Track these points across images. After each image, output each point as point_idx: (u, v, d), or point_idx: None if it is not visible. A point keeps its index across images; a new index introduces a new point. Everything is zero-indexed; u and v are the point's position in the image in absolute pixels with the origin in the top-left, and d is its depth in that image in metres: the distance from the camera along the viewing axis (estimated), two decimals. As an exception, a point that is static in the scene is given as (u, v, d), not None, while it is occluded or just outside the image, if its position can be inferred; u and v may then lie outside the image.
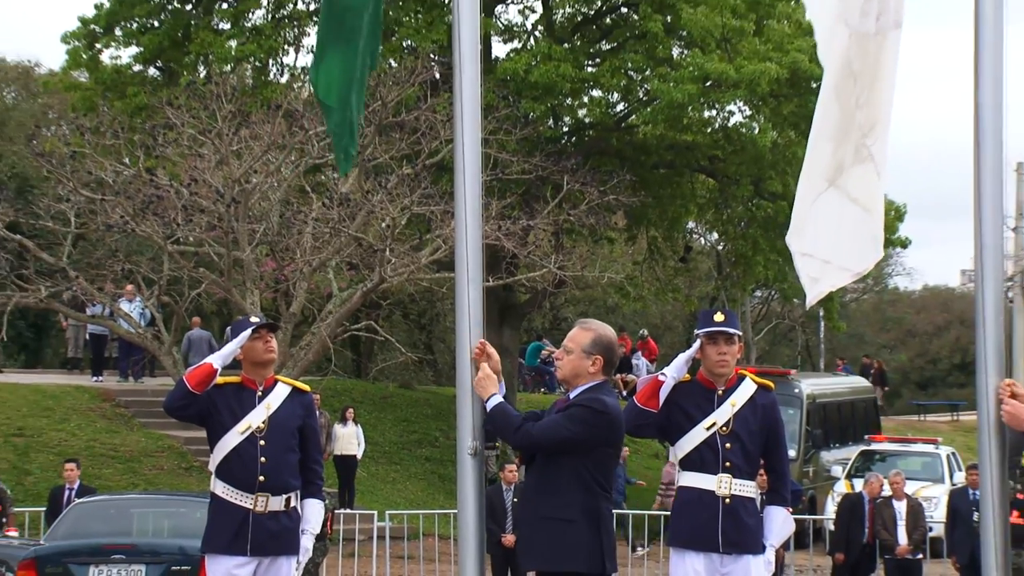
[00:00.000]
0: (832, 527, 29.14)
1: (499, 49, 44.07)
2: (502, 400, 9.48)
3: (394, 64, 38.73)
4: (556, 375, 9.99)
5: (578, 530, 9.64)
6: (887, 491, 28.80)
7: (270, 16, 44.94)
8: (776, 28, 42.33)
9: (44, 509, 27.97)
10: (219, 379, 11.31)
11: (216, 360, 11.27)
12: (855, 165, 9.61)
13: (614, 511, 10.80)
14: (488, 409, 9.40)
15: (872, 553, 27.65)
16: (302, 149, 34.71)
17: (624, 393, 37.02)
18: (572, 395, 9.81)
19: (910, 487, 29.55)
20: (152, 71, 44.54)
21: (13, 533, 25.76)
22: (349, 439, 35.28)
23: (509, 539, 23.22)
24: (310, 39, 45.46)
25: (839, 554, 27.95)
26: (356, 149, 9.85)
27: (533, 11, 45.90)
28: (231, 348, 11.32)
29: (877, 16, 9.49)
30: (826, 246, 9.68)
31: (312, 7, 45.64)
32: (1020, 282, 49.68)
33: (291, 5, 45.36)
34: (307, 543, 11.57)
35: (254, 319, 11.79)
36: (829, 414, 43.49)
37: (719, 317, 10.65)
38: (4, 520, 25.99)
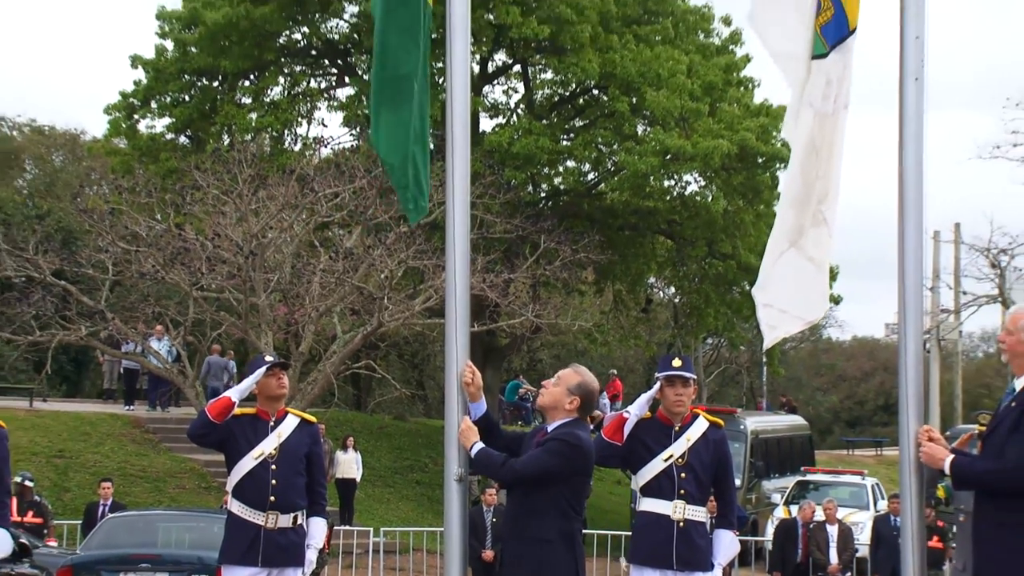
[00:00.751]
0: (771, 548, 29.12)
1: (486, 124, 44.17)
2: (483, 447, 9.46)
3: (394, 135, 38.80)
4: (537, 402, 10.03)
5: (555, 549, 9.64)
6: (820, 516, 28.84)
7: (286, 93, 45.02)
8: (727, 110, 42.46)
9: (80, 522, 27.86)
10: (236, 410, 11.34)
11: (234, 394, 11.30)
12: (813, 227, 9.70)
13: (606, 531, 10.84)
14: (473, 455, 9.40)
15: (806, 571, 27.64)
16: (312, 209, 34.78)
17: (592, 427, 36.99)
18: (550, 428, 9.81)
19: (839, 513, 29.57)
20: (182, 139, 44.56)
21: (53, 543, 25.70)
22: (349, 464, 35.22)
23: (488, 554, 23.28)
24: (320, 112, 45.77)
25: (776, 572, 27.96)
26: (425, 201, 9.77)
27: (516, 91, 46.28)
28: (248, 383, 11.33)
29: (835, 98, 9.59)
30: (783, 298, 9.78)
31: (322, 85, 45.82)
32: (935, 335, 49.83)
33: (304, 83, 45.55)
34: (312, 556, 11.58)
35: (268, 358, 11.79)
36: (770, 448, 43.42)
37: (677, 363, 10.70)
38: (45, 531, 25.94)
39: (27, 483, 26.38)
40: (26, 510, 25.26)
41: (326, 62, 46.00)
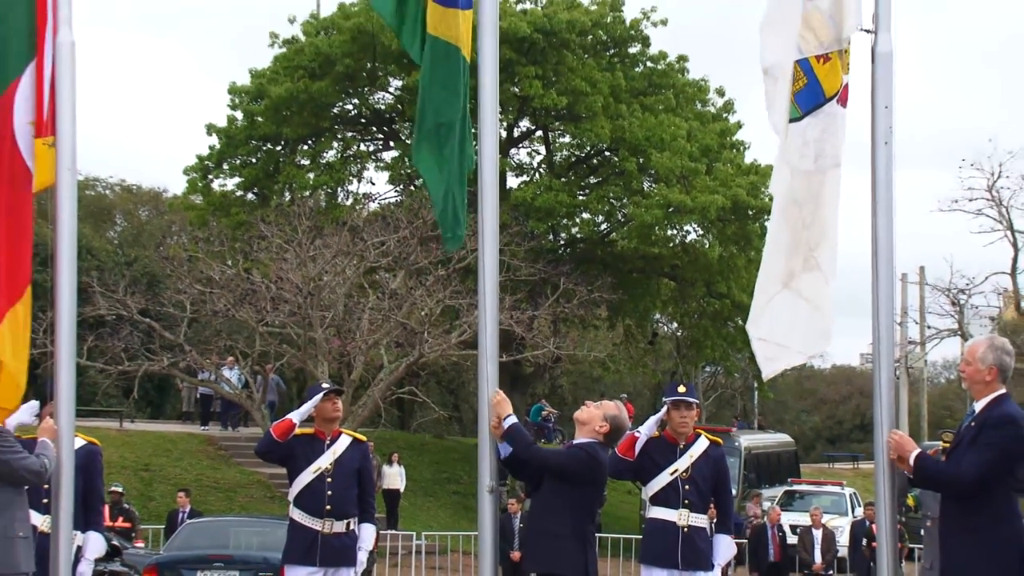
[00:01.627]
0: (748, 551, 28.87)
1: (512, 181, 44.22)
2: (517, 421, 9.52)
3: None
4: (575, 414, 10.03)
5: (568, 544, 9.67)
6: (807, 521, 28.69)
7: (339, 155, 45.13)
8: (722, 169, 42.55)
9: (163, 527, 27.89)
10: (297, 431, 11.33)
11: (296, 417, 11.29)
12: (805, 272, 9.63)
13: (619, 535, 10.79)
14: (506, 426, 9.40)
15: (780, 569, 27.47)
16: (362, 255, 34.80)
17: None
18: (576, 441, 9.92)
19: (822, 519, 29.43)
20: (250, 196, 44.61)
21: (140, 545, 25.77)
22: (394, 477, 35.19)
23: (516, 555, 23.22)
24: (369, 172, 45.78)
25: (755, 573, 27.79)
26: (463, 231, 9.76)
27: (538, 153, 46.38)
28: (307, 408, 11.34)
29: (815, 158, 9.54)
30: (782, 334, 9.69)
31: (371, 149, 45.91)
32: (903, 364, 49.67)
33: (355, 147, 45.65)
34: (362, 557, 11.57)
35: (324, 385, 11.80)
36: (761, 462, 43.30)
37: (682, 389, 10.71)
38: (133, 535, 25.99)
39: (118, 492, 26.49)
40: (117, 516, 25.32)
41: (374, 129, 46.10)
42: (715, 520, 10.90)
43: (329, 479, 11.29)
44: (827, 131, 9.62)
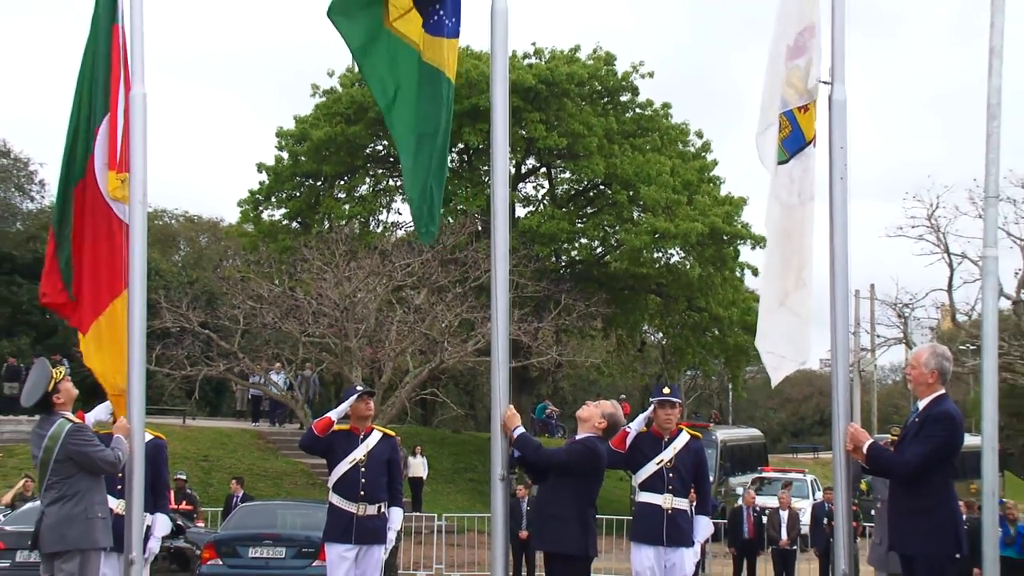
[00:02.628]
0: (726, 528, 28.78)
1: (520, 211, 44.15)
2: (524, 431, 9.52)
3: (452, 220, 38.96)
4: (578, 411, 10.05)
5: (571, 527, 9.66)
6: (775, 504, 28.59)
7: (371, 189, 45.21)
8: (700, 200, 42.50)
9: (220, 509, 27.85)
10: (336, 427, 11.34)
11: (334, 415, 11.31)
12: (796, 290, 9.70)
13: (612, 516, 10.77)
14: (515, 436, 9.40)
15: (752, 544, 27.39)
16: (390, 276, 34.80)
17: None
18: (577, 437, 9.93)
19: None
20: (294, 224, 44.61)
21: (200, 525, 25.72)
22: (418, 466, 35.12)
23: (523, 534, 23.22)
24: (396, 204, 45.76)
25: (732, 548, 27.70)
26: (436, 227, 9.62)
27: (543, 187, 46.37)
28: (343, 407, 11.38)
29: (799, 194, 9.60)
30: (782, 346, 9.78)
31: (397, 183, 45.90)
32: (856, 367, 49.55)
33: (384, 182, 45.64)
34: (391, 536, 11.54)
35: (358, 387, 11.83)
36: (735, 452, 43.18)
37: (667, 390, 10.71)
38: (195, 516, 25.98)
39: (181, 480, 26.49)
40: (180, 500, 25.33)
41: (400, 166, 46.11)
42: (695, 503, 10.88)
43: (363, 469, 11.28)
44: (807, 170, 9.69)
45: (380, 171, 45.67)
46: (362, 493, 11.23)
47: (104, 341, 9.43)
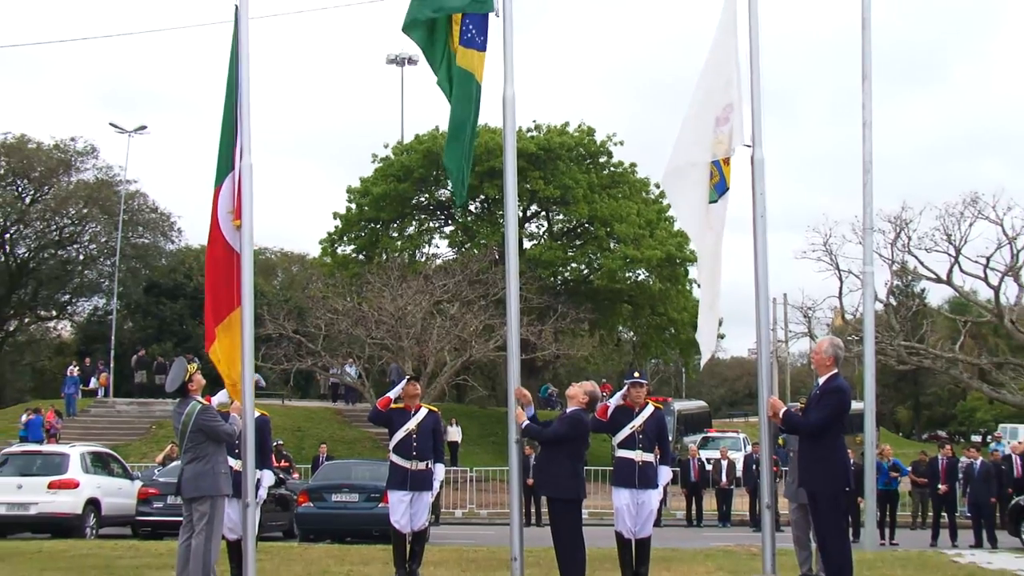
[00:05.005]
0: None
1: (527, 244, 44.14)
2: (528, 421, 9.53)
3: (476, 252, 39.03)
4: (567, 391, 10.05)
5: (567, 476, 9.63)
6: (718, 455, 28.56)
7: (416, 230, 45.26)
8: (660, 234, 42.60)
9: (310, 466, 27.92)
10: (393, 405, 11.32)
11: (392, 395, 11.26)
12: (716, 300, 9.80)
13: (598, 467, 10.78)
14: (523, 427, 9.49)
15: (698, 485, 27.34)
16: (432, 293, 34.87)
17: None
18: (567, 411, 9.89)
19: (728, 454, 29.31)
20: (360, 257, 44.69)
21: (296, 477, 25.75)
22: (455, 433, 35.00)
23: (530, 481, 23.08)
24: (435, 240, 45.79)
25: (684, 489, 27.64)
26: (465, 192, 9.88)
27: (543, 226, 46.19)
28: (397, 389, 11.30)
29: (721, 227, 9.66)
30: (707, 342, 9.89)
31: (437, 225, 45.93)
32: (775, 354, 49.34)
33: (427, 225, 45.68)
34: (436, 485, 11.42)
35: (408, 374, 11.81)
36: (688, 418, 43.16)
37: (637, 374, 10.62)
38: (291, 471, 25.97)
39: (280, 444, 26.52)
40: (280, 459, 25.36)
41: (438, 213, 46.06)
42: (659, 457, 10.86)
43: (414, 435, 11.19)
44: (726, 209, 9.73)
45: (423, 216, 45.70)
46: (414, 453, 11.15)
47: (224, 345, 9.51)
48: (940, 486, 22.58)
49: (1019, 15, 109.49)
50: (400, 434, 11.22)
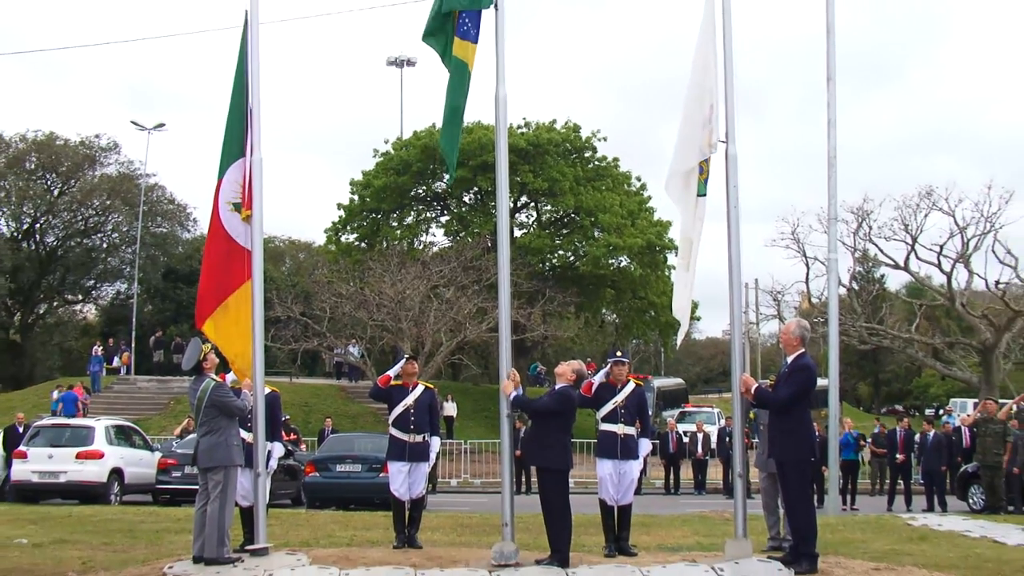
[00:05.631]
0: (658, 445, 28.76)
1: (517, 233, 43.97)
2: (517, 393, 9.50)
3: (470, 240, 38.92)
4: (555, 369, 10.01)
5: (554, 448, 9.52)
6: (694, 428, 28.58)
7: (415, 220, 45.00)
8: (640, 223, 42.48)
9: (316, 439, 27.88)
10: (392, 382, 11.26)
11: (391, 373, 11.20)
12: (693, 278, 9.77)
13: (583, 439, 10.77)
14: (511, 399, 9.44)
15: (676, 456, 27.37)
16: (429, 279, 34.78)
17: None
18: (556, 388, 9.81)
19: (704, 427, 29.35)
20: (362, 244, 44.52)
21: (303, 448, 25.73)
22: (450, 408, 35.03)
23: (518, 453, 23.08)
24: (432, 229, 45.64)
25: (663, 460, 27.68)
26: (455, 172, 10.30)
27: (532, 216, 45.90)
28: (397, 368, 11.23)
29: (704, 215, 9.65)
30: (682, 320, 9.83)
31: (433, 215, 45.78)
32: (747, 335, 49.54)
33: (424, 215, 45.49)
34: (432, 456, 11.35)
35: (407, 354, 11.77)
36: (667, 394, 43.12)
37: (619, 353, 10.60)
38: (298, 443, 25.92)
39: (288, 419, 26.48)
40: (289, 433, 25.32)
41: (435, 204, 45.88)
42: (639, 430, 10.87)
43: (412, 411, 11.12)
44: (705, 202, 9.74)
45: (420, 207, 45.49)
46: (412, 427, 11.09)
47: (229, 326, 9.51)
48: (898, 455, 22.70)
49: (967, 25, 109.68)
50: (399, 409, 11.16)
